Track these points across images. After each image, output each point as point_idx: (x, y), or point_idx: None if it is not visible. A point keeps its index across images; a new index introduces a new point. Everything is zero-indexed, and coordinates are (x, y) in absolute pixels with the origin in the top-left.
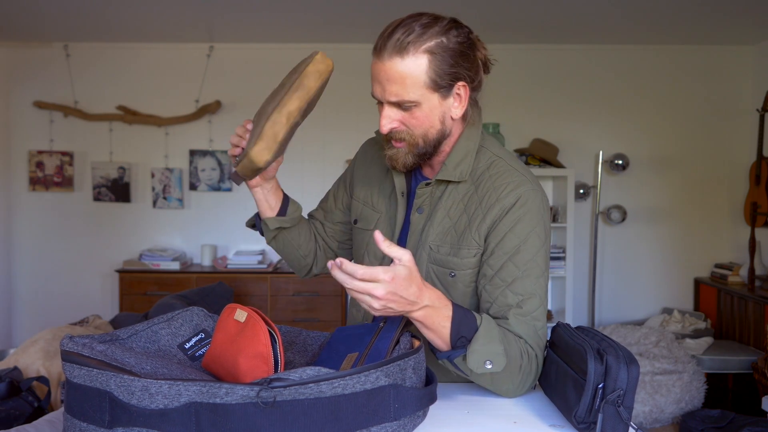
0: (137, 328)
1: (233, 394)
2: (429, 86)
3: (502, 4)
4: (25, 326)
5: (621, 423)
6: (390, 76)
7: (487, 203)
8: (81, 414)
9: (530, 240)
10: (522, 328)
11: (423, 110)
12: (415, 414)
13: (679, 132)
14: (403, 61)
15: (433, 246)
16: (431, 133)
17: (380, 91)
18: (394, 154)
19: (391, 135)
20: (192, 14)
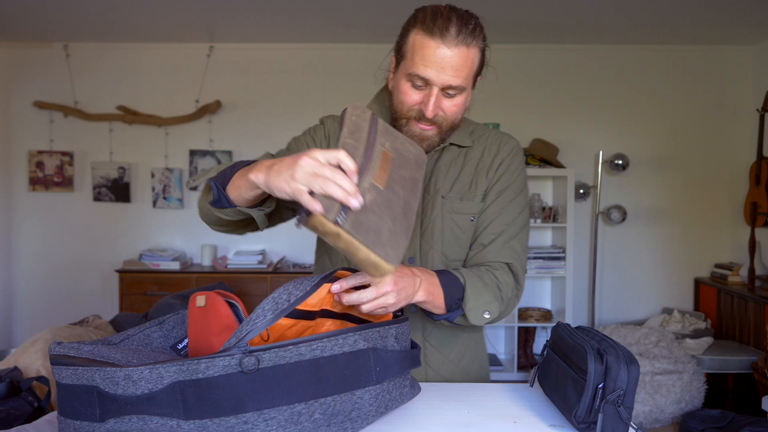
0: (129, 332)
1: (214, 367)
2: (473, 77)
3: (502, 4)
4: (25, 326)
5: (621, 423)
6: (454, 63)
7: (490, 150)
8: (73, 413)
9: (521, 182)
10: (504, 253)
11: (462, 98)
12: (400, 381)
13: (679, 132)
14: (468, 50)
15: (444, 195)
16: (457, 120)
17: (437, 75)
18: (424, 134)
19: (430, 120)
20: (192, 14)
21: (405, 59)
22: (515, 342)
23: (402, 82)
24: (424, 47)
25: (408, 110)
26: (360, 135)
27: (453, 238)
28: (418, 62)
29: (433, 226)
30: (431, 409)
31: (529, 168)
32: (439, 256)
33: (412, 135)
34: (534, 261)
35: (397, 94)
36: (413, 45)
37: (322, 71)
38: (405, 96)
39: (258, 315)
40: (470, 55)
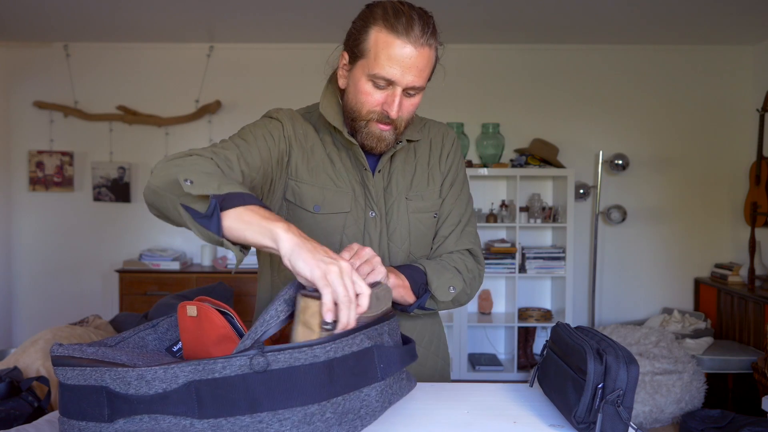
0: (124, 335)
1: (230, 367)
2: (429, 77)
3: (502, 4)
4: (25, 326)
5: (620, 423)
6: (419, 63)
7: (437, 143)
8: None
9: (463, 170)
10: (463, 239)
11: (419, 98)
12: (398, 375)
13: (679, 132)
14: (430, 50)
15: (409, 196)
16: (411, 119)
17: (402, 75)
18: (382, 136)
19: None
20: (192, 14)
21: (365, 58)
22: (515, 342)
23: (362, 82)
24: (390, 46)
25: (369, 112)
26: None
27: (419, 237)
28: (384, 62)
29: (401, 227)
30: (431, 408)
31: (529, 168)
32: (406, 256)
33: (371, 136)
34: (534, 261)
35: (356, 95)
36: (376, 44)
37: (321, 71)
38: (366, 97)
39: (272, 315)
40: (431, 55)
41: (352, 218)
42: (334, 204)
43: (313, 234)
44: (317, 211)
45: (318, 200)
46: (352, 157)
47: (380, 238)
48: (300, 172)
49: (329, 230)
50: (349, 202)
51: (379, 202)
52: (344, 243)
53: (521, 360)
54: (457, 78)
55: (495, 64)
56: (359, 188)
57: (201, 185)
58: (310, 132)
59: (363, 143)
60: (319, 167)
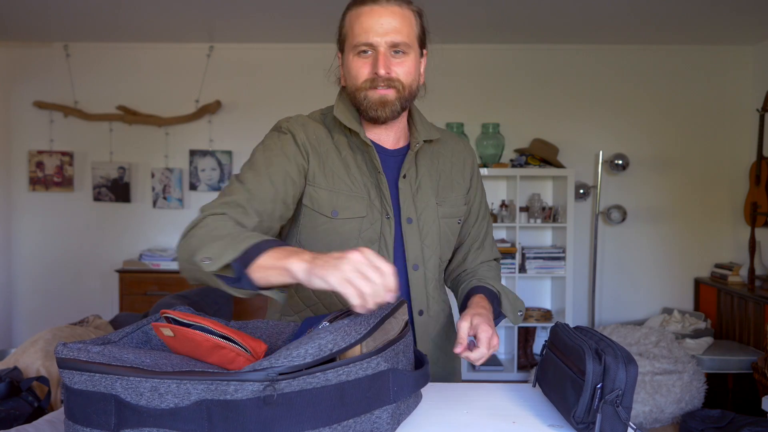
0: (126, 330)
1: (243, 391)
2: (416, 38)
3: (502, 4)
4: (25, 326)
5: (620, 423)
6: (392, 20)
7: (458, 153)
8: (84, 419)
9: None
10: (495, 249)
11: (411, 59)
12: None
13: (679, 132)
14: (402, 9)
15: (438, 201)
16: (413, 87)
17: (379, 33)
18: (385, 98)
19: (386, 82)
20: (192, 14)
21: (347, 39)
22: (515, 342)
23: (350, 59)
24: (360, 16)
25: (363, 81)
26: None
27: (446, 241)
28: (358, 31)
29: (432, 232)
30: (431, 409)
31: (529, 168)
32: (436, 259)
33: (373, 104)
34: (534, 261)
35: (350, 74)
36: (350, 21)
37: (321, 71)
38: (357, 69)
39: (299, 354)
40: (405, 14)
41: (368, 222)
42: (349, 208)
43: (330, 238)
44: (335, 216)
45: (335, 205)
46: (368, 161)
47: (414, 243)
48: (317, 177)
49: (346, 235)
50: (364, 207)
51: (410, 208)
52: (360, 246)
53: (521, 360)
54: (457, 78)
55: (495, 64)
56: (375, 192)
57: (218, 258)
58: (324, 136)
59: (368, 114)
60: (334, 171)
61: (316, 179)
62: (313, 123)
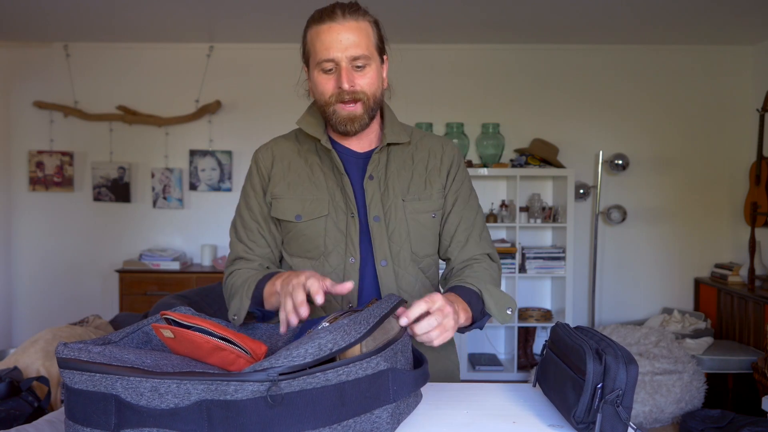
0: (127, 330)
1: (243, 391)
2: (375, 47)
3: (502, 4)
4: (25, 326)
5: (620, 423)
6: (350, 35)
7: (435, 152)
8: (84, 419)
9: (469, 180)
10: (483, 244)
11: (373, 70)
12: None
13: (679, 132)
14: (358, 22)
15: (405, 198)
16: (378, 95)
17: (339, 49)
18: (353, 114)
19: (351, 95)
20: (192, 14)
21: (311, 56)
22: (515, 342)
23: (315, 76)
24: (319, 34)
25: (330, 96)
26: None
27: (419, 236)
28: (320, 48)
29: (399, 228)
30: (431, 409)
31: (529, 168)
32: (409, 255)
33: (341, 119)
34: (534, 261)
35: (316, 90)
36: (311, 39)
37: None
38: (322, 86)
39: (299, 354)
40: (362, 26)
41: (332, 221)
42: (312, 210)
43: (299, 241)
44: (299, 220)
45: (298, 210)
46: (333, 164)
47: (382, 240)
48: (278, 190)
49: (311, 235)
50: (326, 206)
51: (376, 206)
52: (328, 244)
53: (521, 360)
54: (457, 78)
55: (495, 64)
56: (338, 192)
57: (239, 311)
58: (290, 149)
59: (338, 129)
60: (298, 179)
61: (276, 192)
62: (282, 140)
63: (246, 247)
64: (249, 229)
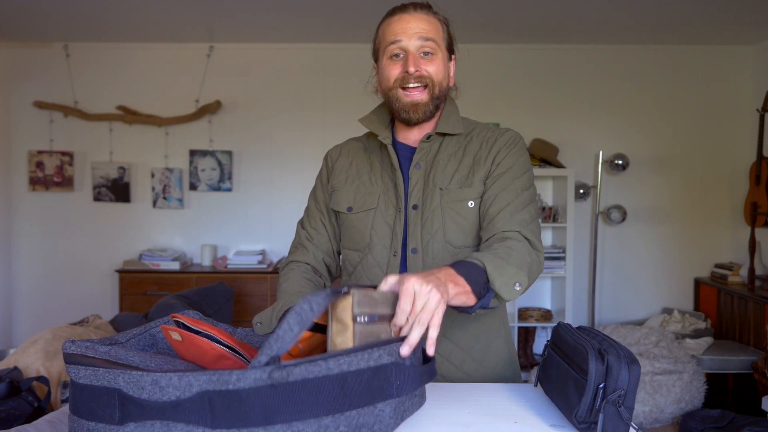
0: (135, 332)
1: (245, 379)
2: (444, 42)
3: (502, 4)
4: (25, 326)
5: (622, 423)
6: (419, 23)
7: (488, 141)
8: (89, 414)
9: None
10: (513, 221)
11: (440, 60)
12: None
13: (679, 132)
14: (428, 16)
15: (442, 187)
16: (444, 85)
17: (408, 35)
18: (417, 100)
19: (417, 80)
20: (192, 14)
21: (380, 48)
22: (515, 342)
23: (383, 64)
24: (390, 24)
25: (395, 81)
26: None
27: (454, 225)
28: (389, 36)
29: (433, 216)
30: (432, 408)
31: None
32: (441, 244)
33: (405, 106)
34: None
35: (383, 77)
36: (382, 31)
37: (321, 71)
38: (388, 71)
39: (285, 330)
40: (432, 20)
41: (380, 214)
42: (363, 203)
43: (350, 232)
44: (350, 211)
45: (350, 202)
46: (390, 159)
47: (415, 228)
48: (336, 183)
49: (360, 227)
50: (376, 200)
51: (417, 195)
52: (373, 237)
53: (521, 360)
54: (457, 78)
55: (495, 64)
56: (390, 185)
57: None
58: (357, 146)
59: (401, 116)
60: (358, 173)
61: (334, 185)
62: (353, 140)
63: (307, 234)
64: (312, 217)
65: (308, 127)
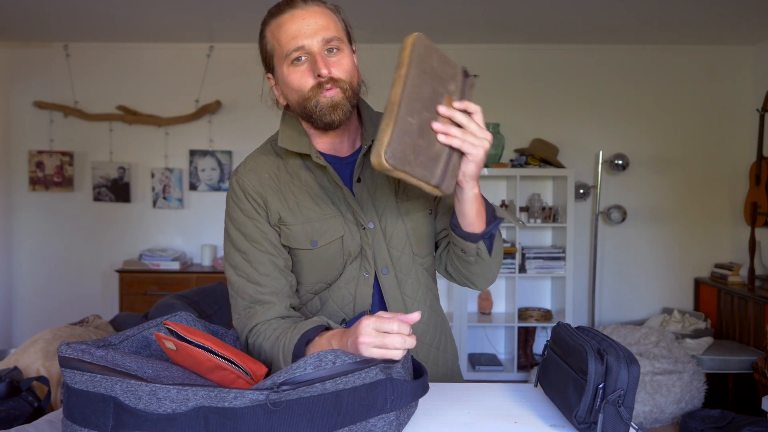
0: (127, 333)
1: (242, 398)
2: (344, 32)
3: (502, 4)
4: (25, 326)
5: (621, 423)
6: (316, 19)
7: None
8: (82, 420)
9: None
10: None
11: (346, 56)
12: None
13: (679, 132)
14: (321, 8)
15: (399, 197)
16: (355, 83)
17: (308, 35)
18: (334, 100)
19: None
20: (192, 14)
21: (275, 54)
22: (515, 342)
23: (286, 72)
24: (282, 25)
25: (310, 89)
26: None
27: (418, 237)
28: (285, 40)
29: (398, 232)
30: (431, 409)
31: (529, 168)
32: (410, 257)
33: (325, 109)
34: (534, 261)
35: (290, 87)
36: (273, 35)
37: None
38: (297, 80)
39: (299, 365)
40: (327, 12)
41: (349, 239)
42: (327, 232)
43: (316, 266)
44: (315, 245)
45: (312, 235)
46: (328, 176)
47: (380, 247)
48: (283, 216)
49: (330, 259)
50: (340, 225)
51: (370, 212)
52: (347, 264)
53: (521, 360)
54: None
55: (495, 64)
56: (344, 206)
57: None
58: (277, 168)
59: (323, 121)
60: (298, 201)
61: (282, 218)
62: (261, 157)
63: (259, 287)
64: (259, 263)
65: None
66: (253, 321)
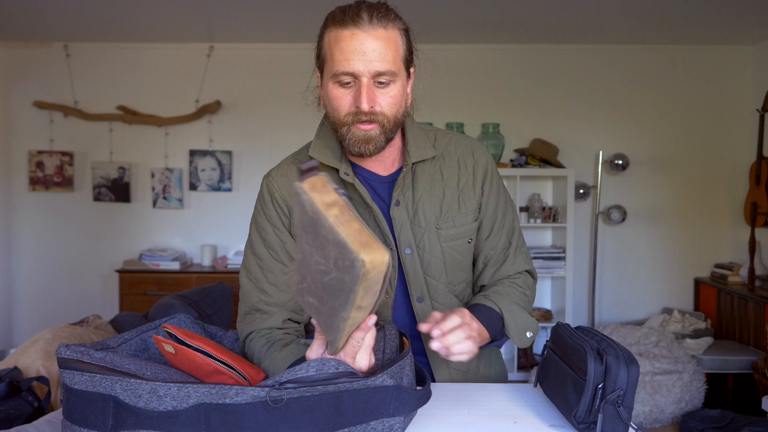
0: (125, 336)
1: (243, 395)
2: (403, 60)
3: (502, 4)
4: (25, 326)
5: (621, 423)
6: (376, 46)
7: (466, 163)
8: (82, 420)
9: (503, 188)
10: (519, 261)
11: (397, 87)
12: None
13: (679, 132)
14: (387, 31)
15: (439, 225)
16: (399, 115)
17: (363, 63)
18: (369, 134)
19: (369, 116)
20: (192, 14)
21: (326, 63)
22: None
23: (330, 87)
24: (340, 40)
25: (345, 115)
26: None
27: (455, 266)
28: (339, 58)
29: (435, 260)
30: (431, 409)
31: (529, 168)
32: (445, 286)
33: (357, 141)
34: (534, 261)
35: (329, 104)
36: (329, 43)
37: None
38: (338, 101)
39: (302, 367)
40: (391, 36)
41: None
42: None
43: None
44: None
45: None
46: (357, 193)
47: (416, 275)
48: None
49: None
50: None
51: (407, 237)
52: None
53: (521, 360)
54: (457, 78)
55: (495, 64)
56: (373, 224)
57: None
58: None
59: (352, 150)
60: None
61: None
62: (295, 169)
63: (263, 295)
64: (269, 271)
65: (308, 127)
66: (250, 328)
